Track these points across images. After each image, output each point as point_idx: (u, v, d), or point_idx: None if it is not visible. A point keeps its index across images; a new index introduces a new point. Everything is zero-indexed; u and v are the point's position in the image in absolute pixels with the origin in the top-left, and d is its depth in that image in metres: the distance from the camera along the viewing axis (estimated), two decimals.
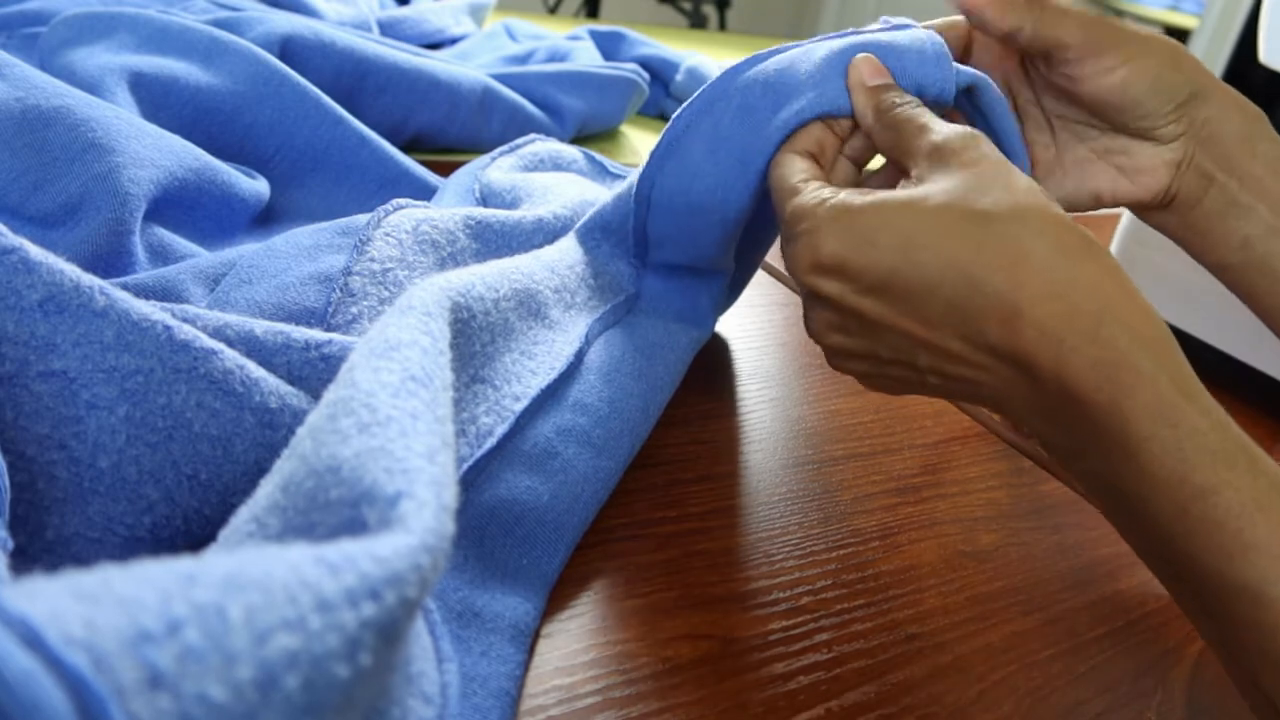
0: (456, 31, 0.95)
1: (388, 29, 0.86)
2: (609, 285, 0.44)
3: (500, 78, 0.73)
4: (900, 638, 0.34)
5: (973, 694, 0.32)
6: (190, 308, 0.31)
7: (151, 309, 0.27)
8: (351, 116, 0.56)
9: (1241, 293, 0.39)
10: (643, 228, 0.43)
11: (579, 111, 0.76)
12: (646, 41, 0.95)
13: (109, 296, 0.26)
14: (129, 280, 0.38)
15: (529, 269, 0.38)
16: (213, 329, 0.30)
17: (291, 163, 0.55)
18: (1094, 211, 0.42)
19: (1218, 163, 0.38)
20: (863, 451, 0.45)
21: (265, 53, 0.55)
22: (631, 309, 0.45)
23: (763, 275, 0.63)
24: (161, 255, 0.43)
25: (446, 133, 0.68)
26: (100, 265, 0.40)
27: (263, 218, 0.52)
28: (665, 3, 3.05)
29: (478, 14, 1.03)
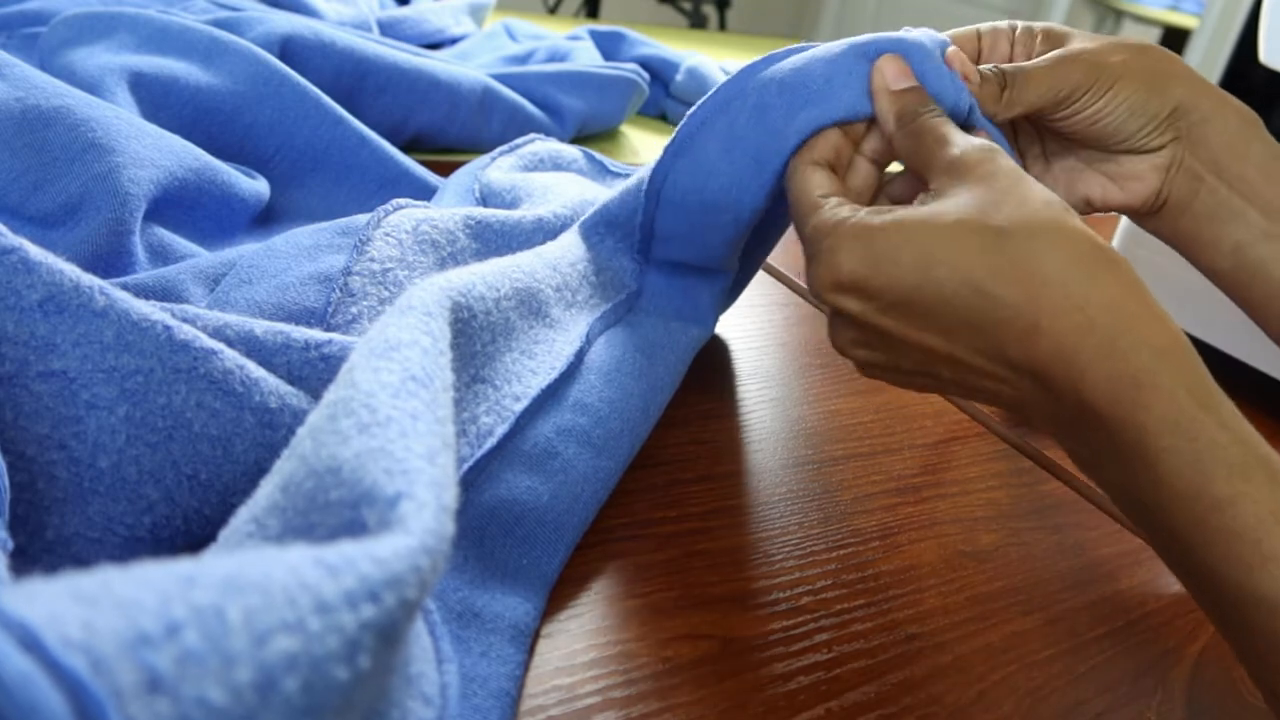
0: (456, 31, 0.95)
1: (388, 29, 0.86)
2: (611, 282, 0.44)
3: (500, 78, 0.73)
4: (900, 638, 0.34)
5: (973, 694, 0.32)
6: (190, 308, 0.31)
7: (151, 309, 0.27)
8: (351, 116, 0.56)
9: (1236, 298, 0.39)
10: (650, 223, 0.43)
11: (579, 111, 0.76)
12: (646, 41, 0.95)
13: (109, 296, 0.26)
14: (129, 280, 0.38)
15: (530, 267, 0.38)
16: (213, 329, 0.30)
17: (291, 163, 0.55)
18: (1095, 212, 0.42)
19: (1207, 166, 0.38)
20: (863, 451, 0.45)
21: (265, 53, 0.55)
22: (633, 307, 0.44)
23: (763, 275, 0.63)
24: (161, 255, 0.43)
25: (446, 133, 0.68)
26: (100, 265, 0.40)
27: (263, 218, 0.52)
28: (665, 3, 3.05)
29: (478, 14, 1.03)
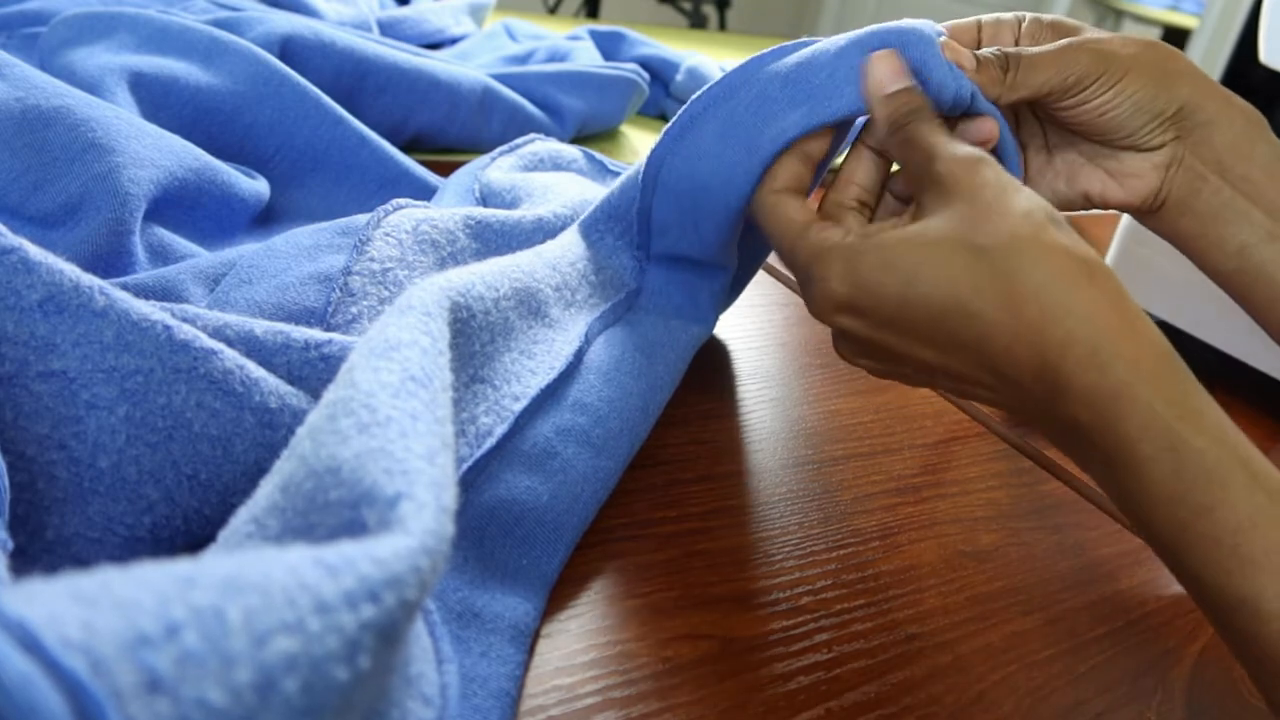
0: (456, 31, 0.95)
1: (388, 29, 0.86)
2: (610, 281, 0.44)
3: (500, 78, 0.73)
4: (900, 638, 0.34)
5: (973, 694, 0.32)
6: (190, 308, 0.31)
7: (151, 309, 0.27)
8: (351, 116, 0.56)
9: (1239, 299, 0.39)
10: (648, 213, 0.43)
11: (579, 111, 0.76)
12: (646, 41, 0.95)
13: (109, 296, 0.26)
14: (129, 280, 0.38)
15: (530, 267, 0.38)
16: (213, 329, 0.30)
17: (291, 163, 0.55)
18: (1095, 210, 0.42)
19: (1211, 166, 0.38)
20: (863, 451, 0.45)
21: (265, 53, 0.55)
22: (632, 305, 0.44)
23: (763, 275, 0.63)
24: (161, 255, 0.43)
25: (446, 133, 0.68)
26: (100, 265, 0.40)
27: (263, 218, 0.52)
28: (665, 3, 3.05)
29: (478, 14, 1.03)
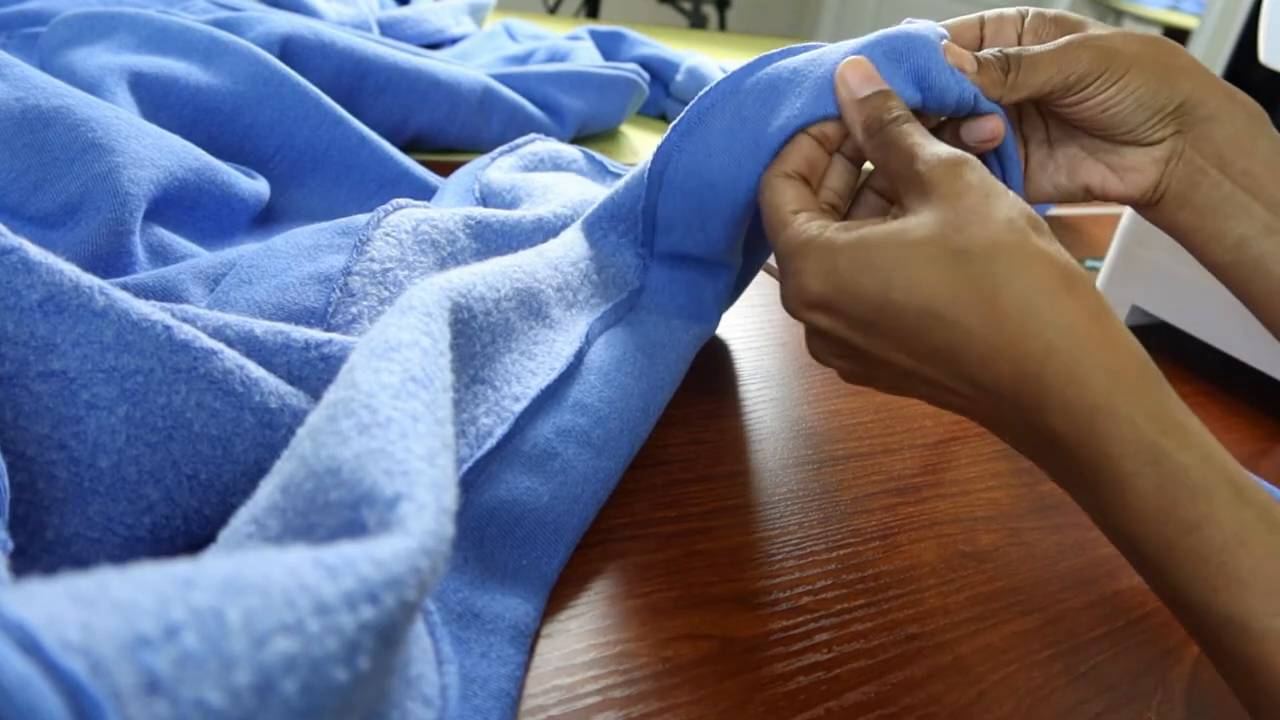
0: (456, 31, 0.95)
1: (388, 29, 0.86)
2: (613, 280, 0.43)
3: (500, 78, 0.73)
4: (900, 638, 0.34)
5: (973, 694, 0.32)
6: (190, 308, 0.31)
7: (151, 309, 0.27)
8: (351, 116, 0.56)
9: (1237, 292, 0.39)
10: (653, 210, 0.43)
11: (579, 111, 0.76)
12: (646, 41, 0.95)
13: (109, 296, 0.26)
14: (129, 280, 0.38)
15: (531, 267, 0.38)
16: (213, 329, 0.30)
17: (291, 163, 0.55)
18: (1095, 211, 0.42)
19: (1211, 160, 0.38)
20: (863, 451, 0.45)
21: (265, 53, 0.55)
22: (635, 304, 0.44)
23: (763, 275, 0.63)
24: (161, 255, 0.43)
25: (446, 133, 0.68)
26: (100, 265, 0.40)
27: (263, 218, 0.52)
28: (665, 3, 3.05)
29: (478, 14, 1.03)
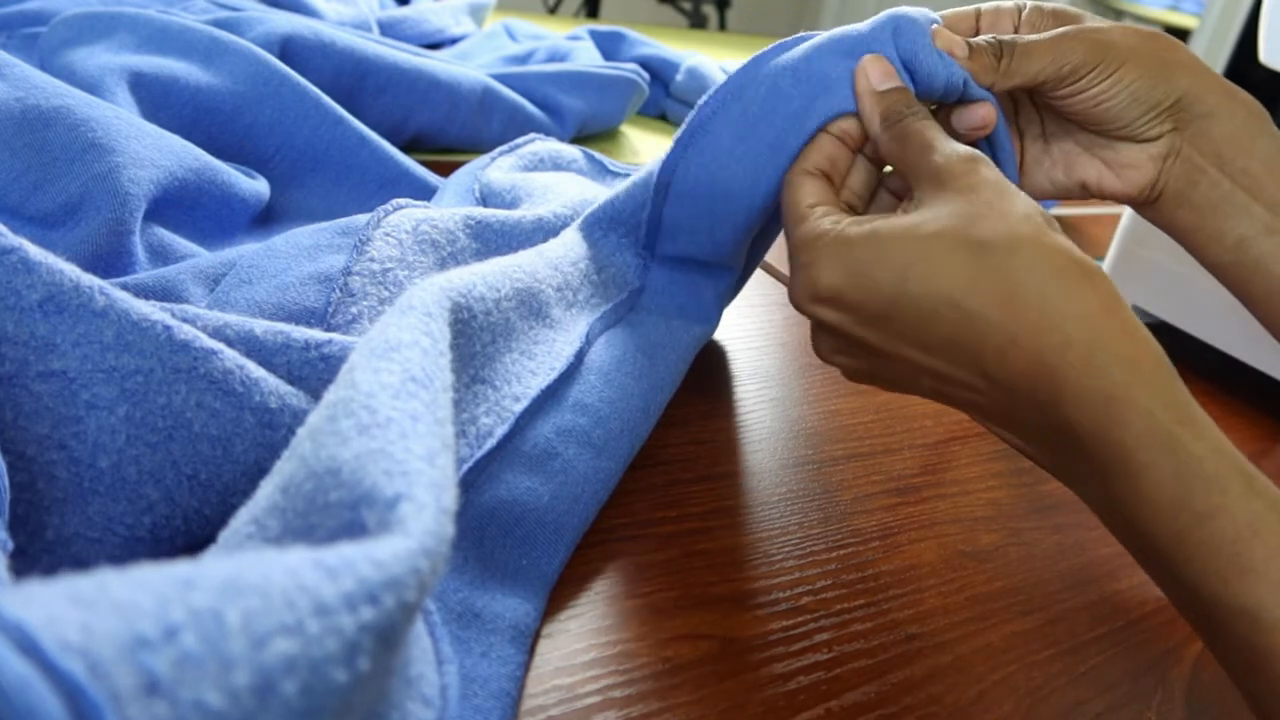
0: (456, 31, 0.95)
1: (388, 29, 0.86)
2: (613, 280, 0.43)
3: (500, 78, 0.73)
4: (900, 638, 0.34)
5: (973, 694, 0.32)
6: (190, 308, 0.31)
7: (151, 309, 0.27)
8: (351, 116, 0.56)
9: (1236, 292, 0.39)
10: (658, 217, 0.43)
11: (579, 111, 0.76)
12: (646, 41, 0.95)
13: (109, 296, 0.26)
14: (129, 280, 0.38)
15: (531, 267, 0.38)
16: (213, 329, 0.30)
17: (291, 163, 0.55)
18: (1095, 210, 0.42)
19: (1209, 159, 0.37)
20: (863, 451, 0.44)
21: (265, 53, 0.55)
22: (635, 305, 0.44)
23: (763, 275, 0.63)
24: (161, 255, 0.43)
25: (446, 133, 0.68)
26: (100, 265, 0.40)
27: (263, 218, 0.52)
28: (665, 3, 3.05)
29: (478, 14, 1.03)
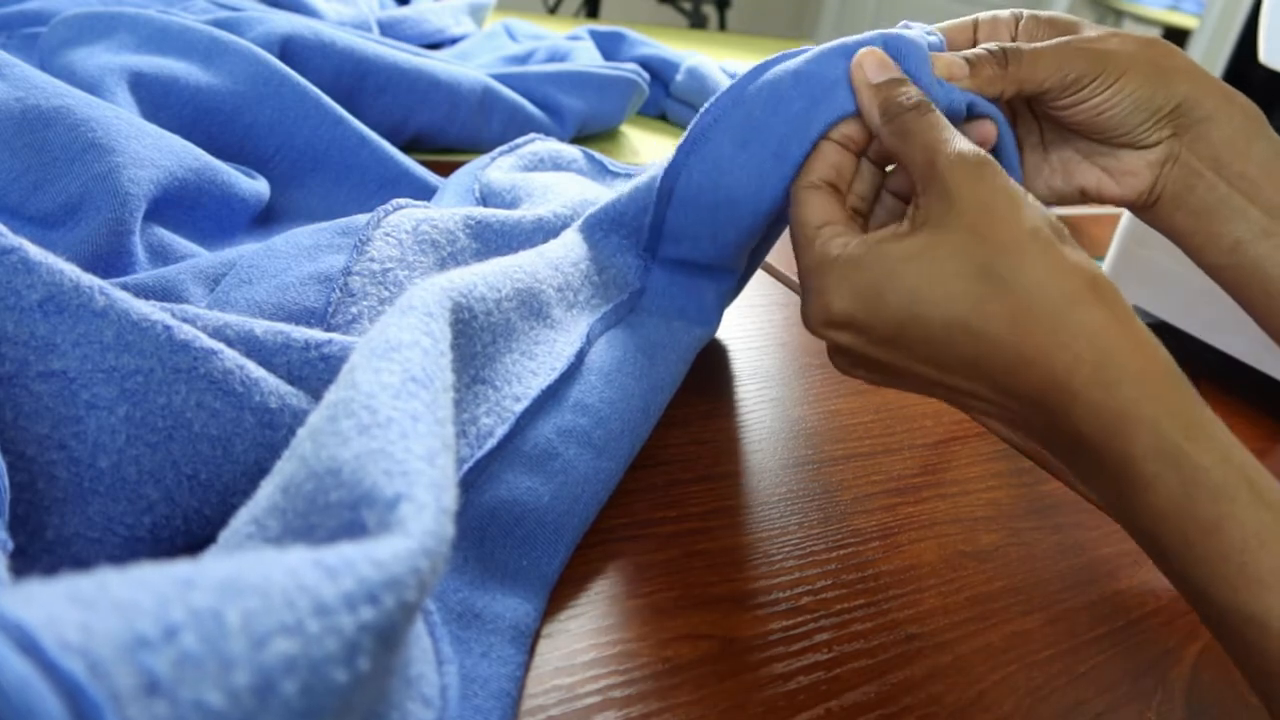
0: (456, 31, 0.95)
1: (388, 29, 0.86)
2: (613, 281, 0.43)
3: (500, 78, 0.73)
4: (900, 638, 0.34)
5: (973, 694, 0.32)
6: (190, 308, 0.31)
7: (151, 309, 0.27)
8: (351, 116, 0.56)
9: (1235, 295, 0.39)
10: (660, 221, 0.43)
11: (579, 111, 0.76)
12: (646, 41, 0.95)
13: (109, 296, 0.26)
14: (129, 280, 0.38)
15: (532, 267, 0.38)
16: (213, 329, 0.30)
17: (291, 163, 0.55)
18: (1095, 211, 0.42)
19: (1206, 163, 0.37)
20: (863, 451, 0.44)
21: (265, 53, 0.55)
22: (635, 306, 0.44)
23: (763, 275, 0.63)
24: (161, 255, 0.43)
25: (446, 133, 0.68)
26: (100, 265, 0.40)
27: (263, 218, 0.52)
28: (665, 3, 3.05)
29: (478, 14, 1.03)
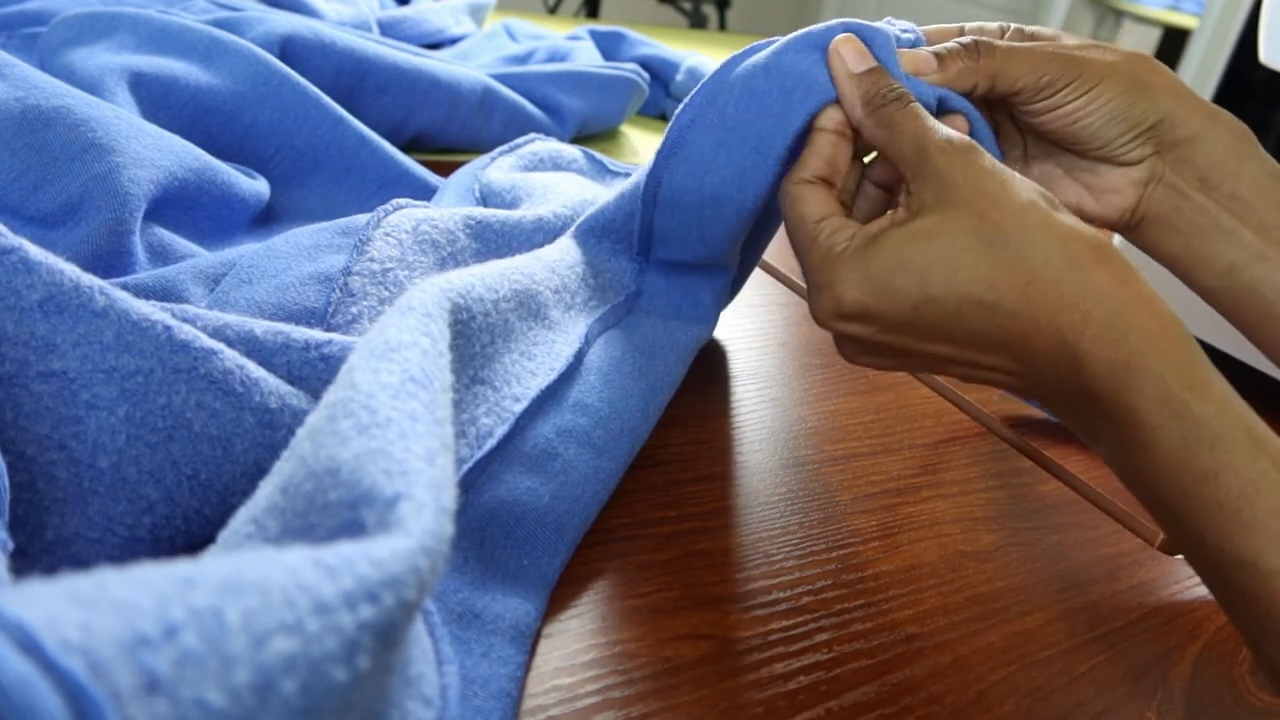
0: (456, 31, 0.95)
1: (388, 29, 0.86)
2: (609, 284, 0.44)
3: (500, 78, 0.73)
4: (900, 638, 0.34)
5: (973, 694, 0.32)
6: (190, 308, 0.31)
7: (151, 309, 0.27)
8: (351, 116, 0.56)
9: (1231, 317, 0.38)
10: (648, 226, 0.43)
11: (579, 111, 0.76)
12: (646, 41, 0.95)
13: (109, 296, 0.26)
14: (129, 280, 0.38)
15: (529, 269, 0.38)
16: (213, 329, 0.30)
17: (291, 163, 0.55)
18: None
19: (1192, 184, 0.37)
20: (863, 451, 0.45)
21: (265, 53, 0.55)
22: (632, 308, 0.44)
23: (762, 275, 0.63)
24: (161, 255, 0.43)
25: (446, 133, 0.68)
26: (100, 265, 0.40)
27: (263, 218, 0.52)
28: (665, 3, 3.05)
29: (478, 14, 1.03)
